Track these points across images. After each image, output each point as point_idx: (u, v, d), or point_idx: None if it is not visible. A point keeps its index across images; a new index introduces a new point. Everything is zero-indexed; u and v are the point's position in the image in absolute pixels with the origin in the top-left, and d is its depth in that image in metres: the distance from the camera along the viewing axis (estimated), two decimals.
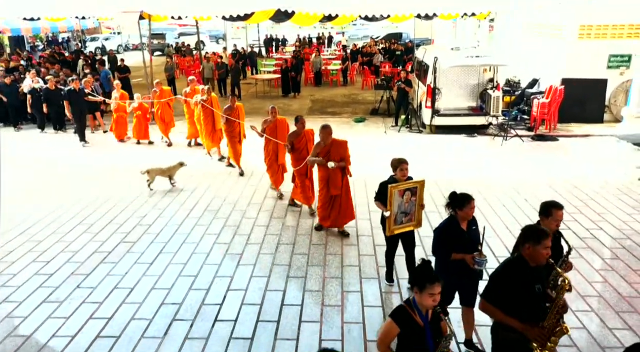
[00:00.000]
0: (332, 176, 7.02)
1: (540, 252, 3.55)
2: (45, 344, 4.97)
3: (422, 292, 3.24)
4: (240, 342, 4.97)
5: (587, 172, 9.81)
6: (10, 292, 5.92)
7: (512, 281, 3.59)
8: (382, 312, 5.37)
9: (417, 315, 3.33)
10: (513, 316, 3.58)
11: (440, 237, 4.56)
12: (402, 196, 5.54)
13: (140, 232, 7.48)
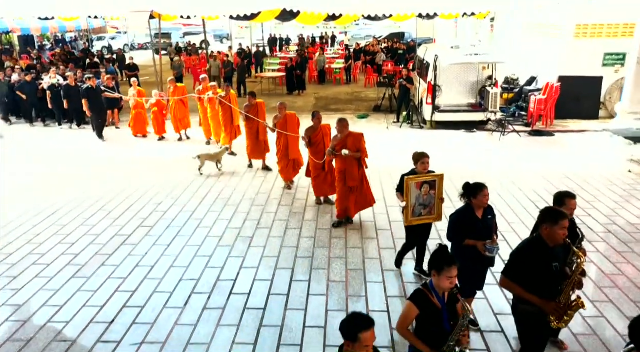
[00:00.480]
0: (348, 168, 7.27)
1: (558, 233, 3.73)
2: (77, 313, 5.46)
3: (440, 275, 3.39)
4: (253, 312, 5.46)
5: (580, 165, 10.27)
6: (42, 269, 6.42)
7: (531, 259, 3.81)
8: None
9: (434, 297, 3.47)
10: (532, 292, 3.79)
11: (455, 224, 4.78)
12: (420, 189, 5.68)
13: (156, 217, 7.98)
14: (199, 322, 5.29)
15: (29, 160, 11.25)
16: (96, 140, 12.88)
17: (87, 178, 9.95)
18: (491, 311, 5.40)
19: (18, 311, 5.53)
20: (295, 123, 8.98)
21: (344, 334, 2.92)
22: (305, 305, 5.58)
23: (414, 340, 3.53)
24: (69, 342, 5.00)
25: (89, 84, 12.55)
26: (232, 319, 5.32)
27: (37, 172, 10.40)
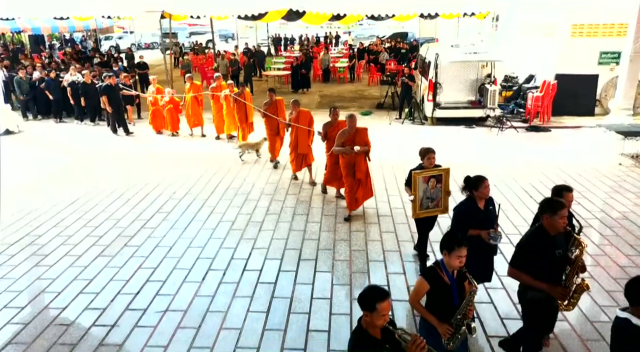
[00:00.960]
0: (357, 161, 7.57)
1: (558, 222, 3.94)
2: (105, 286, 6.00)
3: (451, 254, 3.64)
4: (265, 285, 5.98)
5: (574, 159, 10.74)
6: (70, 249, 6.96)
7: (536, 248, 4.02)
8: (404, 278, 6.14)
9: (445, 275, 3.71)
10: (539, 279, 3.99)
11: (458, 216, 5.01)
12: (427, 183, 5.89)
13: (172, 205, 8.51)
14: (216, 294, 5.81)
15: (48, 153, 11.82)
16: (112, 135, 13.39)
17: (107, 169, 10.51)
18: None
19: (53, 283, 6.07)
20: (307, 119, 9.29)
21: (362, 305, 3.06)
22: (313, 280, 6.10)
23: (425, 312, 3.81)
24: (100, 310, 5.53)
25: (109, 82, 12.97)
26: (246, 292, 5.84)
27: (57, 164, 10.95)
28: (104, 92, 12.95)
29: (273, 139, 10.33)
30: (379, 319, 3.00)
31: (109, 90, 12.94)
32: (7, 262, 6.66)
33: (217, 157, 11.25)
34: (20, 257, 6.78)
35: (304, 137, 9.28)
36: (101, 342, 5.00)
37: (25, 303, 5.72)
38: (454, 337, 3.71)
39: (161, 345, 4.95)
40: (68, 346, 4.94)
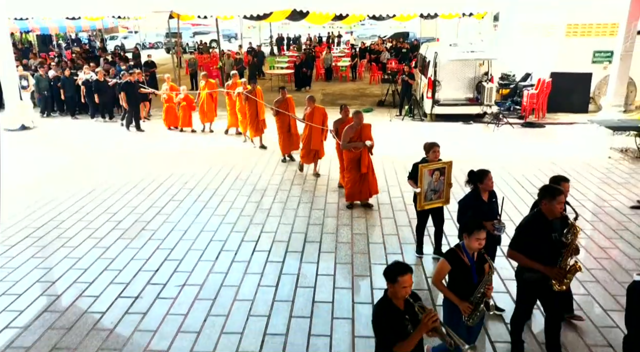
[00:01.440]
0: (363, 155, 7.93)
1: (556, 207, 4.21)
2: (127, 264, 6.53)
3: (471, 236, 3.91)
4: (274, 264, 6.52)
5: (566, 153, 11.25)
6: (92, 232, 7.51)
7: (534, 231, 4.30)
8: (402, 258, 6.57)
9: (465, 256, 3.98)
10: (535, 260, 4.27)
11: (464, 208, 5.24)
12: (432, 175, 6.20)
13: (184, 193, 9.05)
14: (229, 271, 6.35)
15: (64, 147, 12.37)
16: (125, 131, 13.86)
17: (123, 162, 11.08)
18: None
19: (78, 262, 6.61)
20: (321, 116, 9.58)
21: (387, 277, 3.35)
22: (317, 259, 6.63)
23: (447, 291, 4.08)
24: (124, 284, 6.06)
25: (128, 79, 13.41)
26: (256, 269, 6.38)
27: (73, 157, 11.50)
28: (123, 89, 13.36)
29: (284, 136, 10.60)
30: (400, 290, 3.29)
31: (127, 87, 13.36)
32: (35, 243, 7.20)
33: (226, 151, 11.76)
34: (46, 239, 7.32)
35: (317, 133, 9.58)
36: (127, 311, 5.53)
37: (56, 278, 6.25)
38: (474, 314, 3.97)
39: (181, 313, 5.48)
40: (97, 314, 5.49)
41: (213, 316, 5.42)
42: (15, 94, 13.69)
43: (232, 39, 45.12)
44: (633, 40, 12.09)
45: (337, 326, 5.24)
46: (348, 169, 8.14)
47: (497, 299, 5.53)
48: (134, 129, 13.90)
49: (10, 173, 10.21)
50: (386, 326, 3.33)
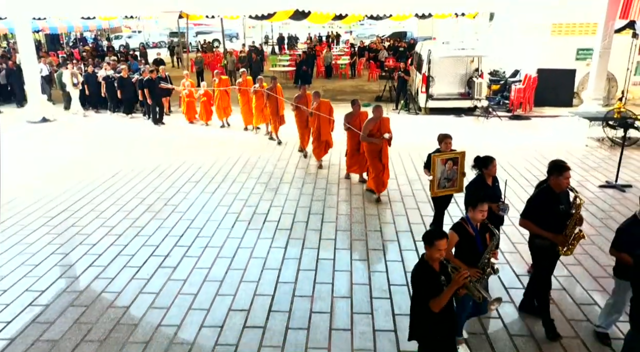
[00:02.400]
0: (384, 147, 8.35)
1: (562, 181, 4.73)
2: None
3: (475, 209, 4.36)
4: (283, 231, 7.51)
5: (548, 141, 12.23)
6: (120, 208, 8.50)
7: (543, 203, 4.81)
8: (411, 234, 7.33)
9: (469, 227, 4.40)
10: (544, 229, 4.76)
11: (471, 192, 5.62)
12: (445, 164, 6.54)
13: (200, 175, 10.04)
14: (244, 236, 7.33)
15: (86, 137, 13.36)
16: (147, 125, 14.59)
17: (147, 150, 12.04)
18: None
19: (93, 247, 7.59)
20: (328, 109, 10.24)
21: (425, 241, 3.72)
22: (320, 228, 7.61)
23: (455, 260, 4.38)
24: (135, 268, 6.61)
25: (149, 76, 14.19)
26: (268, 234, 7.38)
27: (89, 148, 12.49)
28: (145, 86, 14.13)
29: (302, 131, 11.14)
30: (436, 252, 3.66)
31: (150, 83, 14.13)
32: (51, 231, 8.18)
33: (241, 143, 12.50)
34: (63, 227, 8.29)
35: (325, 125, 10.22)
36: (141, 290, 5.99)
37: (73, 262, 7.22)
38: (482, 278, 4.37)
39: (191, 293, 5.90)
40: (113, 293, 5.94)
41: (221, 295, 5.85)
42: (37, 89, 14.67)
43: (233, 39, 46.17)
44: (610, 39, 13.06)
45: (356, 289, 6.23)
46: (371, 160, 8.53)
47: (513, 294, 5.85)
48: (154, 122, 14.60)
49: (32, 161, 11.23)
50: (423, 285, 3.72)
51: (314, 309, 5.55)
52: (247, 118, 13.61)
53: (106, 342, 5.05)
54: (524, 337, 5.10)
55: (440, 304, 3.66)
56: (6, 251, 7.02)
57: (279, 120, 12.34)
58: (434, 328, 3.80)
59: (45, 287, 6.07)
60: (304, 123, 11.05)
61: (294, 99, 11.03)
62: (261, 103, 12.49)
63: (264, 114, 12.68)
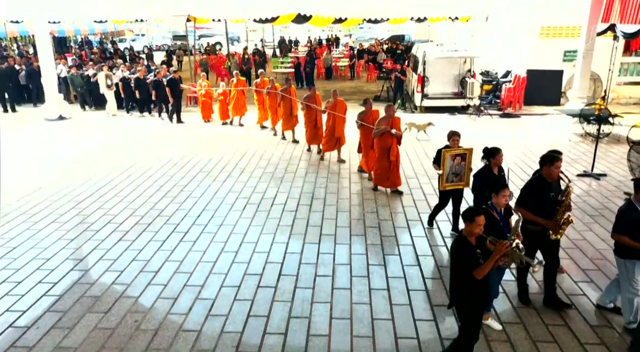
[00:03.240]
0: (393, 145, 8.82)
1: (553, 171, 5.21)
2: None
3: (498, 194, 4.84)
4: (289, 213, 8.36)
5: (534, 137, 13.09)
6: (140, 195, 9.35)
7: (536, 191, 5.25)
8: (422, 225, 7.80)
9: (494, 211, 4.86)
10: (537, 215, 5.15)
11: (478, 180, 6.22)
12: (453, 160, 6.95)
13: (213, 165, 10.89)
14: (254, 217, 8.19)
15: (101, 134, 14.22)
16: (164, 123, 15.31)
17: (164, 145, 12.85)
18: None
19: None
20: (343, 107, 10.78)
21: (466, 217, 4.12)
22: (323, 209, 8.48)
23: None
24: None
25: (172, 75, 14.93)
26: (276, 214, 8.26)
27: (112, 141, 13.35)
28: (167, 85, 14.78)
29: (310, 130, 11.60)
30: (476, 227, 4.09)
31: (172, 83, 14.83)
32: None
33: (255, 139, 13.25)
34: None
35: (340, 122, 10.78)
36: (150, 282, 6.24)
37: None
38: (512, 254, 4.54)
39: (198, 285, 6.17)
40: (123, 285, 6.18)
41: (226, 287, 6.17)
42: (54, 88, 15.54)
43: (234, 42, 47.15)
44: (593, 41, 13.93)
45: (373, 272, 7.09)
46: (378, 157, 9.03)
47: None
48: (170, 121, 15.33)
49: (54, 154, 12.09)
50: (464, 257, 4.15)
51: (335, 286, 6.11)
52: (261, 115, 14.12)
53: (117, 331, 5.31)
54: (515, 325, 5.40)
55: (484, 272, 4.09)
56: (50, 237, 7.88)
57: (292, 120, 12.71)
58: (473, 295, 4.23)
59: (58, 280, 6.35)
60: (312, 123, 11.53)
61: (304, 98, 11.62)
62: (274, 103, 13.03)
63: (278, 113, 13.15)
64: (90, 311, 5.65)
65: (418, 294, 5.95)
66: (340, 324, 5.38)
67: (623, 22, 12.87)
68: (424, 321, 5.42)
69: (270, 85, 12.85)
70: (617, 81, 16.94)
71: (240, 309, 5.68)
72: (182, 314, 5.57)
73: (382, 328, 5.30)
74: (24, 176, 10.43)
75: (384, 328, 5.30)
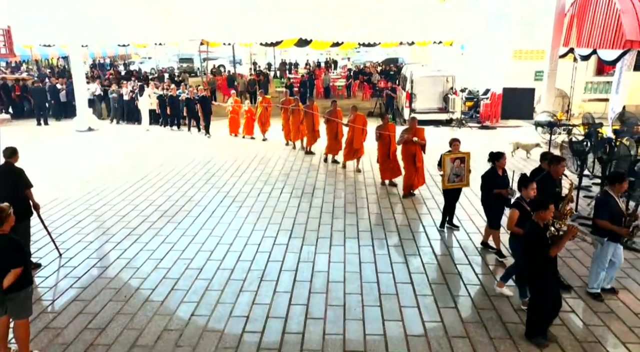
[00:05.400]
0: (417, 153, 9.79)
1: (559, 169, 6.28)
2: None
3: (527, 188, 5.64)
4: (294, 199, 10.29)
5: (506, 144, 15.10)
6: (175, 194, 11.30)
7: (544, 186, 6.06)
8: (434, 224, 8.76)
9: (524, 203, 5.65)
10: None
11: (486, 180, 7.07)
12: (454, 162, 7.82)
13: (235, 169, 12.85)
14: (265, 204, 10.12)
15: (122, 145, 16.22)
16: (195, 136, 16.99)
17: (198, 153, 14.78)
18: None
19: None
20: (362, 121, 11.85)
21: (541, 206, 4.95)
22: (356, 211, 10.40)
23: (519, 230, 5.56)
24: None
25: (203, 93, 16.80)
26: (284, 199, 10.17)
27: (131, 151, 15.34)
28: (199, 102, 16.43)
29: (330, 141, 12.68)
30: (549, 214, 4.91)
31: (203, 100, 16.51)
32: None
33: (277, 151, 14.65)
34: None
35: (359, 135, 11.81)
36: (163, 276, 6.98)
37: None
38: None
39: (207, 278, 8.08)
40: (139, 279, 7.92)
41: (233, 280, 6.94)
42: (84, 103, 17.61)
43: (236, 65, 49.62)
44: (556, 62, 16.06)
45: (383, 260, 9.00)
46: (405, 164, 9.98)
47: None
48: (201, 133, 16.98)
49: (85, 158, 14.06)
50: (538, 239, 4.88)
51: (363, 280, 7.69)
52: (287, 134, 15.00)
53: (137, 316, 6.05)
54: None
55: (559, 249, 4.91)
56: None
57: (314, 136, 13.78)
58: (545, 270, 5.01)
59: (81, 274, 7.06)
60: (332, 134, 12.61)
61: (326, 112, 12.88)
62: (297, 120, 14.24)
63: (301, 129, 14.28)
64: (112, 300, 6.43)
65: (438, 286, 6.80)
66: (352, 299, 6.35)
67: (579, 46, 15.05)
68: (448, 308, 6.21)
69: (310, 104, 13.87)
70: (583, 98, 19.12)
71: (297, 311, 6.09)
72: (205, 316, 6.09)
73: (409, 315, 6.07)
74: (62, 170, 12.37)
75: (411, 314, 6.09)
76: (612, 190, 5.91)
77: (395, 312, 6.09)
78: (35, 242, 7.98)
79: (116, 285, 6.83)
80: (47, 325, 5.90)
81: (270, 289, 6.67)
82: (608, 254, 6.05)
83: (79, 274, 7.15)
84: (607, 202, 5.88)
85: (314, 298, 6.43)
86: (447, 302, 6.35)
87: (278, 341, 5.57)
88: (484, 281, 6.84)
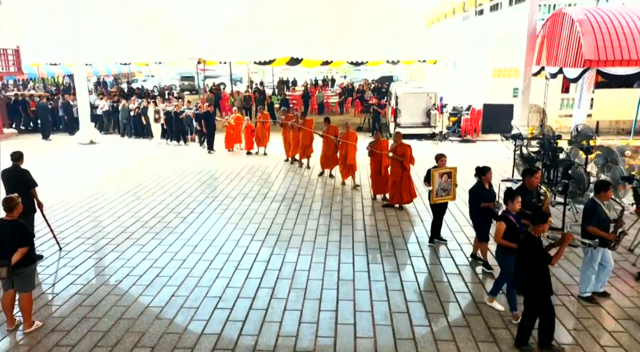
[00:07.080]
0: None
1: (533, 181, 6.77)
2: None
3: (513, 201, 5.85)
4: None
5: (482, 155, 16.09)
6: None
7: (521, 198, 6.10)
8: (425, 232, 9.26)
9: (511, 216, 5.82)
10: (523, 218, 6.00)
11: (473, 194, 7.35)
12: (441, 178, 8.06)
13: (229, 181, 13.82)
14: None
15: (122, 157, 17.24)
16: (197, 150, 17.85)
17: (201, 163, 15.84)
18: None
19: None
20: (355, 138, 12.28)
21: (539, 220, 5.15)
22: (352, 222, 11.34)
23: (507, 243, 5.72)
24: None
25: (207, 109, 17.52)
26: (282, 212, 11.11)
27: (133, 161, 16.35)
28: (203, 117, 17.19)
29: (329, 158, 13.28)
30: (546, 226, 5.16)
31: (208, 116, 17.25)
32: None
33: (274, 165, 15.45)
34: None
35: (352, 151, 12.26)
36: (164, 284, 7.73)
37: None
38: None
39: (206, 286, 9.51)
40: (142, 286, 9.13)
41: (231, 288, 7.35)
42: (87, 118, 18.71)
43: (237, 82, 51.01)
44: (529, 80, 17.13)
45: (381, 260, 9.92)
46: (392, 179, 10.48)
47: None
48: (209, 148, 17.48)
49: (85, 171, 15.06)
50: (535, 250, 5.06)
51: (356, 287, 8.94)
52: (288, 149, 15.45)
53: (139, 320, 6.46)
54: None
55: (558, 258, 5.08)
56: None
57: (309, 151, 14.50)
58: (540, 282, 5.12)
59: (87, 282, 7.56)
60: (330, 151, 13.19)
61: (323, 131, 13.50)
62: (297, 136, 14.79)
63: (299, 145, 14.76)
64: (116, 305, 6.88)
65: (427, 294, 7.11)
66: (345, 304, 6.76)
67: (549, 64, 16.13)
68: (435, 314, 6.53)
69: (296, 120, 14.60)
70: (559, 114, 20.12)
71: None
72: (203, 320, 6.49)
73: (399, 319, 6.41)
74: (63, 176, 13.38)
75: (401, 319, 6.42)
76: (598, 198, 6.25)
77: (386, 317, 6.41)
78: (39, 238, 8.93)
79: (109, 272, 7.88)
80: (47, 303, 6.93)
81: (267, 294, 7.10)
82: (597, 259, 6.35)
83: (76, 264, 8.18)
84: (595, 209, 6.20)
85: (308, 303, 6.82)
86: (436, 308, 6.63)
87: (272, 344, 5.90)
88: (473, 290, 7.11)
